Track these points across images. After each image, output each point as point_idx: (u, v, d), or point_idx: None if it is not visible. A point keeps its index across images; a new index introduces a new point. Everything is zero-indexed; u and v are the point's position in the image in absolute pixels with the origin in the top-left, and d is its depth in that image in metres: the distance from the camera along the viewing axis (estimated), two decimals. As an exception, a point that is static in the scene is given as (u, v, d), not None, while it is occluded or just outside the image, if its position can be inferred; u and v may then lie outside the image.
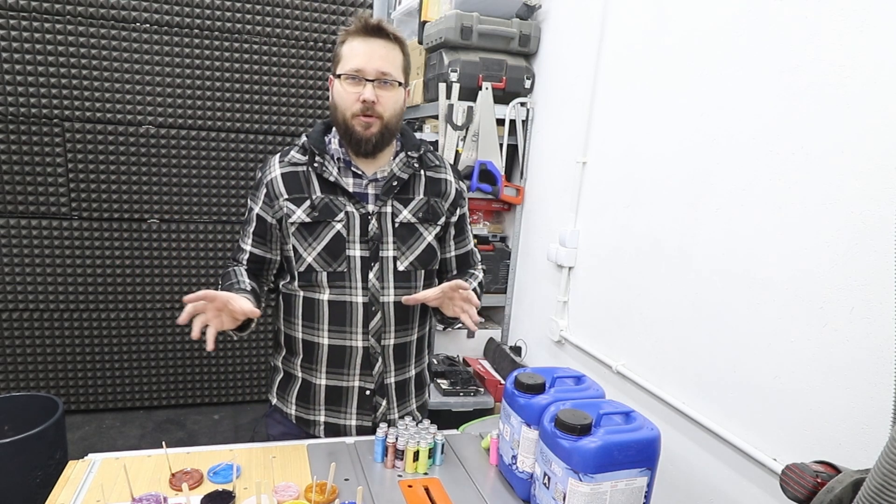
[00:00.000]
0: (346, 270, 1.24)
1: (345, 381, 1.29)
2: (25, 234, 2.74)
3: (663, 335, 1.62)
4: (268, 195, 1.26)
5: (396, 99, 1.22)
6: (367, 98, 1.17)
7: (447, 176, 1.36)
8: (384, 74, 1.19)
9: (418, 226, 1.29)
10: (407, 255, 1.28)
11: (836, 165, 1.15)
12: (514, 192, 2.43)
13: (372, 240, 1.25)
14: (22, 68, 2.60)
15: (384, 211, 1.26)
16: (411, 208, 1.29)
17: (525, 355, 2.41)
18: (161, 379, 3.10)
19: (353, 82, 1.19)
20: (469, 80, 2.27)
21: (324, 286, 1.25)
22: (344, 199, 1.25)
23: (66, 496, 1.03)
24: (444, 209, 1.33)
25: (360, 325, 1.26)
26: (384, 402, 1.32)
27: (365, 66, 1.17)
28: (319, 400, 1.31)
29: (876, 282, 1.07)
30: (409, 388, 1.38)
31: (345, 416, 1.32)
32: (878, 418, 1.06)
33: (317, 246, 1.23)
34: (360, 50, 1.18)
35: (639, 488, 1.00)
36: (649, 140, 1.69)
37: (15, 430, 2.05)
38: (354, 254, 1.24)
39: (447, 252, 1.39)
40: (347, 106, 1.20)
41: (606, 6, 1.90)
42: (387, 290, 1.27)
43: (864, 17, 1.10)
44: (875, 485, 0.63)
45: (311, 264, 1.24)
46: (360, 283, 1.25)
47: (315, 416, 1.32)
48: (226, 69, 2.85)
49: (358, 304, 1.25)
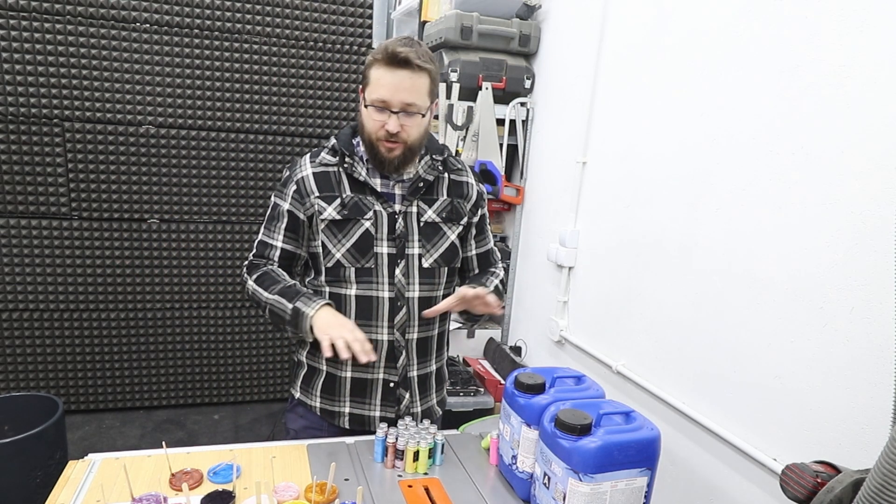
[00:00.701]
0: (374, 266, 1.29)
1: (370, 373, 1.33)
2: (25, 234, 2.74)
3: (663, 335, 1.62)
4: (298, 192, 1.30)
5: (420, 124, 1.26)
6: (391, 129, 1.21)
7: (469, 179, 1.41)
8: (408, 106, 1.22)
9: (442, 225, 1.34)
10: (431, 252, 1.33)
11: (836, 165, 1.15)
12: (514, 192, 2.43)
13: (399, 238, 1.29)
14: (22, 68, 2.60)
15: (410, 210, 1.31)
16: (436, 208, 1.34)
17: (525, 355, 2.41)
18: (161, 379, 3.10)
19: (379, 111, 1.22)
20: (469, 80, 2.27)
21: (351, 281, 1.29)
22: (372, 199, 1.29)
23: (66, 496, 1.03)
24: (467, 210, 1.38)
25: (386, 319, 1.30)
26: (407, 394, 1.36)
27: (390, 98, 1.20)
28: (345, 392, 1.35)
29: (876, 282, 1.07)
30: (431, 382, 1.42)
31: (369, 408, 1.35)
32: (878, 418, 1.06)
33: (346, 242, 1.28)
34: (385, 81, 1.20)
35: (639, 488, 1.00)
36: (649, 140, 1.69)
37: (15, 430, 2.05)
38: (382, 251, 1.29)
39: (469, 251, 1.44)
40: (373, 131, 1.24)
41: (606, 6, 1.90)
42: (412, 286, 1.31)
43: (864, 17, 1.10)
44: (875, 485, 0.63)
45: (339, 260, 1.28)
46: (387, 279, 1.29)
47: (340, 406, 1.35)
48: (226, 69, 2.85)
49: (384, 299, 1.30)
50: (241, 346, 3.18)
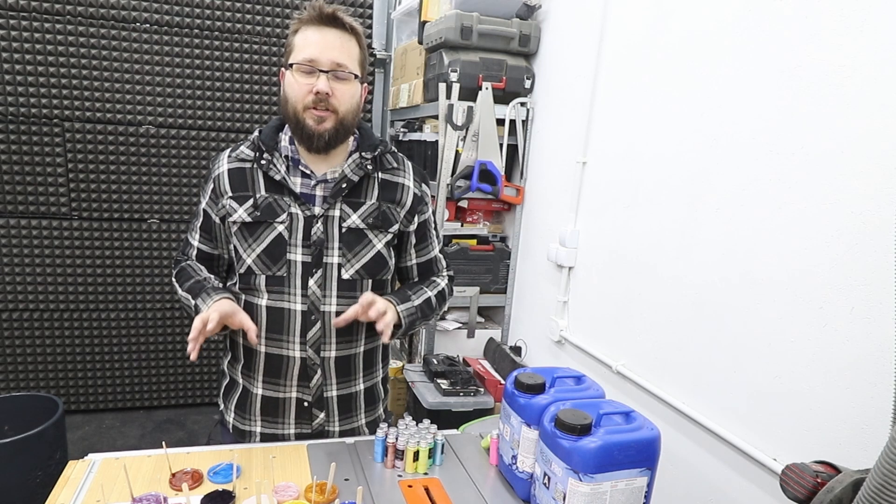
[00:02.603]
0: (286, 275, 1.17)
1: (281, 391, 1.24)
2: (25, 234, 2.74)
3: (663, 335, 1.62)
4: (214, 191, 1.21)
5: (353, 93, 1.16)
6: (321, 89, 1.10)
7: (405, 181, 1.27)
8: (339, 66, 1.12)
9: (367, 232, 1.21)
10: (353, 262, 1.20)
11: (836, 165, 1.15)
12: (514, 192, 2.43)
13: (315, 244, 1.18)
14: (22, 68, 2.60)
15: (331, 214, 1.19)
16: (361, 213, 1.21)
17: (525, 355, 2.41)
18: (161, 379, 3.10)
19: (306, 73, 1.12)
20: (469, 80, 2.27)
21: (262, 290, 1.18)
22: (289, 200, 1.18)
23: (66, 496, 1.03)
24: (400, 217, 1.25)
25: (298, 335, 1.19)
26: (322, 413, 1.26)
27: (319, 56, 1.11)
28: (255, 410, 1.26)
29: (876, 282, 1.07)
30: (357, 402, 1.30)
31: (282, 426, 1.27)
32: (878, 418, 1.06)
33: (256, 247, 1.17)
34: (313, 39, 1.11)
35: (639, 488, 1.00)
36: (649, 140, 1.69)
37: (15, 430, 2.05)
38: (295, 258, 1.17)
39: (407, 261, 1.34)
40: (299, 98, 1.13)
41: (606, 6, 1.90)
42: (328, 299, 1.19)
43: (864, 17, 1.10)
44: (875, 485, 0.63)
45: (250, 266, 1.18)
46: (300, 290, 1.18)
47: (251, 426, 1.27)
48: (226, 69, 2.85)
49: (296, 312, 1.18)
50: (241, 346, 3.18)
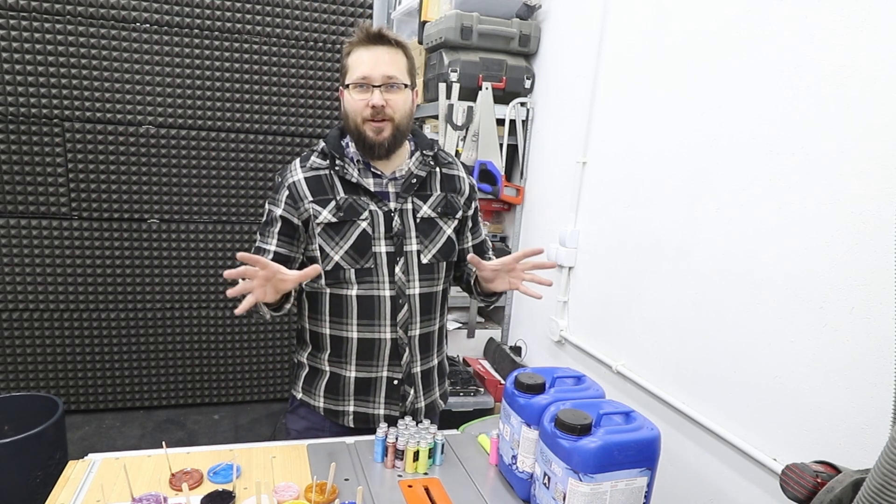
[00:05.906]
0: (374, 266, 1.29)
1: (374, 372, 1.34)
2: (25, 234, 2.74)
3: (663, 335, 1.62)
4: (291, 197, 1.30)
5: (405, 100, 1.27)
6: (376, 103, 1.22)
7: (460, 173, 1.43)
8: (390, 78, 1.23)
9: (438, 220, 1.35)
10: (430, 248, 1.34)
11: (836, 165, 1.15)
12: (514, 192, 2.43)
13: (396, 235, 1.30)
14: (22, 68, 2.60)
15: (405, 208, 1.32)
16: (430, 204, 1.35)
17: (525, 355, 2.41)
18: (161, 379, 3.10)
19: (361, 90, 1.24)
20: (469, 80, 2.27)
21: (352, 282, 1.29)
22: (366, 199, 1.30)
23: (66, 496, 1.03)
24: (461, 204, 1.40)
25: (389, 318, 1.31)
26: (412, 390, 1.37)
27: (370, 72, 1.22)
28: (349, 391, 1.35)
29: (876, 282, 1.07)
30: (434, 376, 1.43)
31: (374, 406, 1.35)
32: (878, 418, 1.06)
33: (344, 244, 1.28)
34: (365, 58, 1.23)
35: (639, 488, 1.00)
36: (649, 140, 1.69)
37: (15, 430, 2.05)
38: (380, 250, 1.29)
39: (465, 243, 1.46)
40: (358, 112, 1.25)
41: (606, 6, 1.90)
42: (412, 283, 1.32)
43: (864, 17, 1.10)
44: (875, 485, 0.63)
45: (338, 262, 1.28)
46: (387, 278, 1.30)
47: (345, 405, 1.36)
48: (226, 69, 2.85)
49: (386, 298, 1.30)
50: (241, 346, 3.18)
